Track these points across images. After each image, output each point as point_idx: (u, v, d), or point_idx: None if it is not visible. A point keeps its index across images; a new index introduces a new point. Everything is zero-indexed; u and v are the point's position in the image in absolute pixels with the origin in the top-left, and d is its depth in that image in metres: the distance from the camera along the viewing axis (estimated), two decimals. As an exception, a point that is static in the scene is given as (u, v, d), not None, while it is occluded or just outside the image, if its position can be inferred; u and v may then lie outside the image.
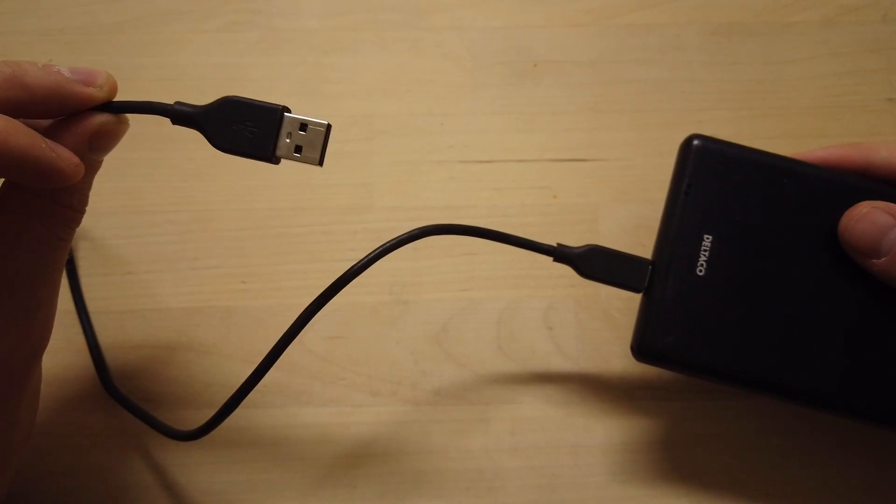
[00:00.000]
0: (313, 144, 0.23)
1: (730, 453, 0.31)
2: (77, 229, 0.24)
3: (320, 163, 0.23)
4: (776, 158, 0.27)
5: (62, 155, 0.21)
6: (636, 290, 0.27)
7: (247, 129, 0.23)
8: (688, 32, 0.35)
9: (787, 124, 0.34)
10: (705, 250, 0.27)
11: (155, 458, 0.31)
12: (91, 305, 0.32)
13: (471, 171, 0.33)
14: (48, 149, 0.21)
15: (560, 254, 0.27)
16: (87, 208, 0.33)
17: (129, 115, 0.24)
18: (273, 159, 0.23)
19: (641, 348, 0.27)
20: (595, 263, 0.27)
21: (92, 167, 0.24)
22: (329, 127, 0.23)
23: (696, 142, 0.27)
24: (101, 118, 0.22)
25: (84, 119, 0.22)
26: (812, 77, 0.35)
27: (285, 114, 0.23)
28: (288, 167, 0.33)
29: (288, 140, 0.23)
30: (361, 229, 0.33)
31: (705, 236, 0.27)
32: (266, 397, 0.31)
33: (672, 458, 0.31)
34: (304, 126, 0.23)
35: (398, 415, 0.31)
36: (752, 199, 0.27)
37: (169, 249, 0.32)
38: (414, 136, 0.34)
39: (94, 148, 0.23)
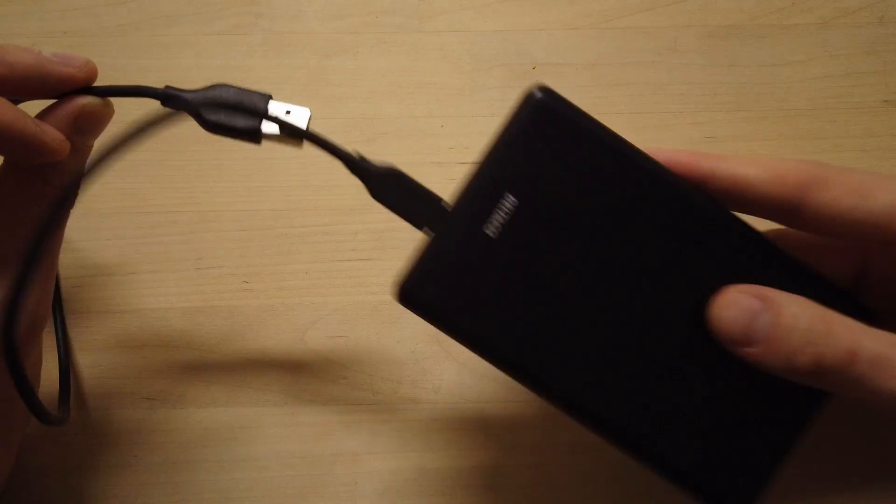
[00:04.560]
0: (296, 126, 0.25)
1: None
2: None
3: (301, 144, 0.25)
4: (621, 144, 0.24)
5: (47, 131, 0.23)
6: (419, 229, 0.25)
7: (235, 110, 0.24)
8: (685, 35, 0.35)
9: (784, 126, 0.34)
10: (507, 213, 0.23)
11: (156, 454, 0.31)
12: (95, 305, 0.32)
13: (470, 173, 0.34)
14: (33, 124, 0.22)
15: (355, 164, 0.25)
16: (91, 208, 0.33)
17: (134, 119, 0.25)
18: (258, 137, 0.25)
19: (403, 290, 0.24)
20: (388, 187, 0.25)
21: (80, 150, 0.25)
22: (310, 113, 0.25)
23: (538, 94, 0.24)
24: (85, 99, 0.24)
25: (69, 100, 0.23)
26: (809, 79, 0.35)
27: (271, 99, 0.25)
28: (291, 169, 0.34)
29: (273, 121, 0.25)
30: (362, 230, 0.33)
31: (512, 198, 0.23)
32: (268, 395, 0.31)
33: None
34: (288, 111, 0.25)
35: (399, 413, 0.32)
36: (578, 177, 0.24)
37: (172, 250, 0.33)
38: (414, 138, 0.34)
39: (81, 129, 0.24)
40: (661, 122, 0.34)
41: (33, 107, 0.24)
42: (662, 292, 0.24)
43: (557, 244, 0.24)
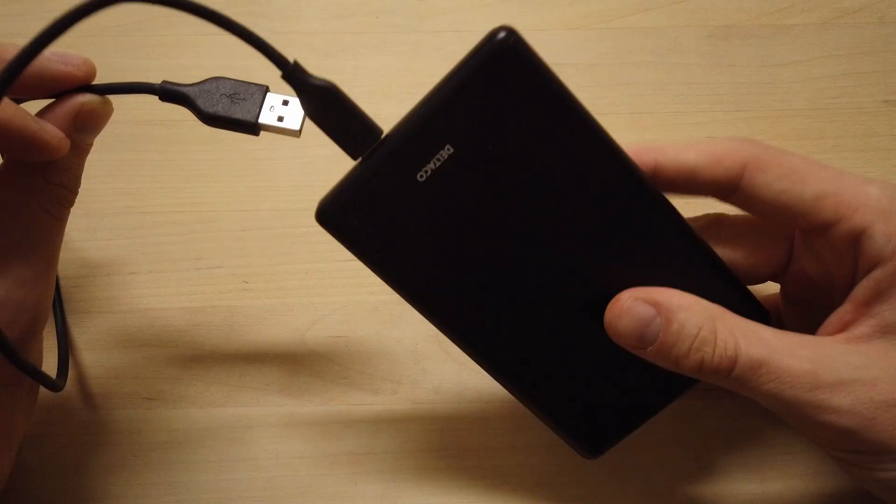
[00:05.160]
0: (293, 116, 0.25)
1: (728, 450, 0.31)
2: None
3: (299, 133, 0.25)
4: (584, 114, 0.23)
5: (46, 128, 0.23)
6: (352, 156, 0.23)
7: (232, 101, 0.24)
8: (685, 35, 0.35)
9: (784, 126, 0.34)
10: (439, 160, 0.22)
11: (156, 454, 0.31)
12: (95, 305, 0.32)
13: (470, 173, 0.34)
14: (33, 121, 0.22)
15: (292, 73, 0.22)
16: (91, 208, 0.33)
17: (134, 118, 0.25)
18: (256, 128, 0.25)
19: (324, 213, 0.24)
20: (324, 105, 0.23)
21: (80, 148, 0.25)
22: None
23: (502, 35, 0.21)
24: (84, 97, 0.24)
25: (68, 98, 0.24)
26: (809, 79, 0.35)
27: (268, 91, 0.25)
28: (291, 169, 0.34)
29: (270, 111, 0.25)
30: (362, 230, 0.33)
31: (448, 146, 0.22)
32: (268, 396, 0.31)
33: (671, 455, 0.31)
34: (285, 102, 0.25)
35: (399, 413, 0.32)
36: (525, 134, 0.22)
37: (172, 250, 0.33)
38: (414, 138, 0.34)
39: (80, 127, 0.24)
40: (661, 122, 0.34)
41: (33, 106, 0.24)
42: (575, 260, 0.24)
43: (484, 198, 0.23)
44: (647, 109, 0.35)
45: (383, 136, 0.23)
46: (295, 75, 0.22)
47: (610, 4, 0.36)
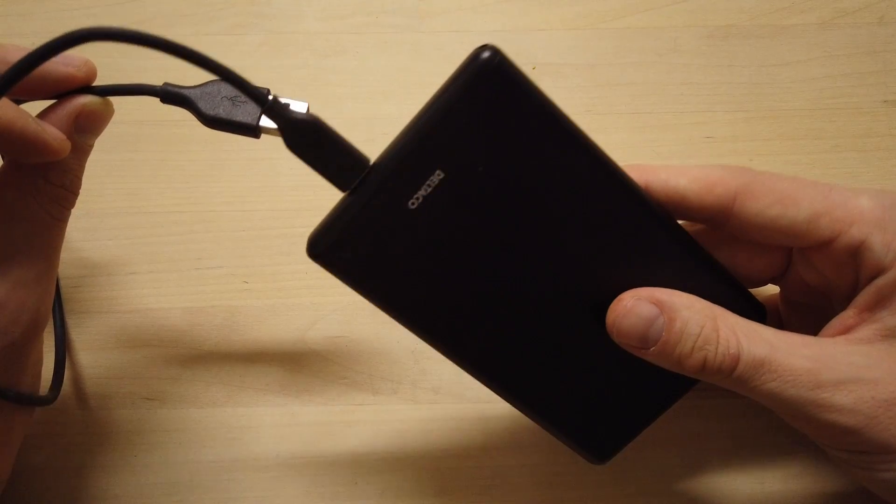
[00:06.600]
0: None
1: (728, 450, 0.31)
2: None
3: None
4: (572, 127, 0.22)
5: (48, 130, 0.23)
6: (340, 189, 0.23)
7: (233, 104, 0.24)
8: (685, 35, 0.35)
9: (783, 126, 0.34)
10: (430, 185, 0.22)
11: (156, 454, 0.31)
12: (95, 305, 0.32)
13: (470, 173, 0.34)
14: (34, 122, 0.22)
15: (272, 109, 0.22)
16: (91, 208, 0.33)
17: (135, 119, 0.25)
18: (257, 131, 0.25)
19: (315, 248, 0.23)
20: (307, 139, 0.22)
21: (81, 149, 0.25)
22: (308, 107, 0.24)
23: (486, 55, 0.21)
24: (85, 98, 0.24)
25: (70, 99, 0.24)
26: (808, 79, 0.35)
27: (269, 95, 0.24)
28: (291, 169, 0.34)
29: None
30: (362, 230, 0.33)
31: (438, 171, 0.22)
32: (268, 396, 0.31)
33: (670, 456, 0.31)
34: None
35: (398, 413, 0.32)
36: (515, 155, 0.22)
37: (172, 250, 0.33)
38: (414, 138, 0.34)
39: (81, 128, 0.24)
40: (661, 122, 0.34)
41: (34, 107, 0.24)
42: (573, 273, 0.24)
43: (478, 220, 0.23)
44: (647, 109, 0.35)
45: (371, 165, 0.23)
46: (274, 111, 0.22)
47: (610, 4, 0.36)
